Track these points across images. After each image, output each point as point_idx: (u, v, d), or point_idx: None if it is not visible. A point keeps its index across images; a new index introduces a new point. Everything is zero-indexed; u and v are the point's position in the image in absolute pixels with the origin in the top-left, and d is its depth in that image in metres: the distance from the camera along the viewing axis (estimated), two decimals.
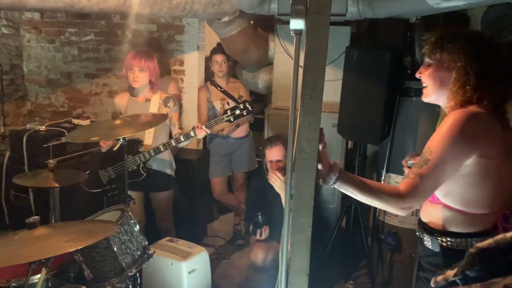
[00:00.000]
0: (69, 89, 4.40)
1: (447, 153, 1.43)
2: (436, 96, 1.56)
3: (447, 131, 1.43)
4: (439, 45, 1.51)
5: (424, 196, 1.47)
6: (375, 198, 1.48)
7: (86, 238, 1.71)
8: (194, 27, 4.00)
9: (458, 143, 1.43)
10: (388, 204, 1.48)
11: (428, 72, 1.55)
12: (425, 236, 1.59)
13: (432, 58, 1.54)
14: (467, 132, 1.43)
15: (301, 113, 1.46)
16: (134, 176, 3.04)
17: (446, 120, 1.47)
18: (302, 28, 1.44)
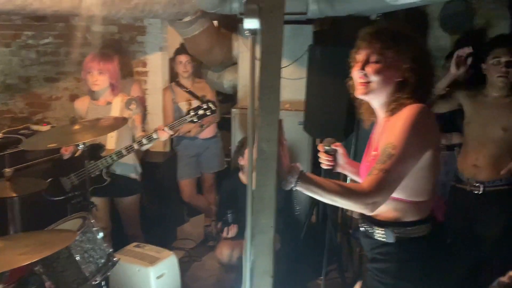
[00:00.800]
0: (28, 94, 4.25)
1: (410, 147, 1.45)
2: (376, 93, 1.57)
3: (408, 126, 1.46)
4: (392, 45, 1.53)
5: (389, 191, 1.47)
6: (339, 197, 1.47)
7: (42, 250, 1.65)
8: (156, 28, 3.92)
9: (420, 138, 1.47)
10: (352, 201, 1.47)
11: (377, 68, 1.54)
12: (376, 229, 1.61)
13: (383, 54, 1.53)
14: (426, 126, 1.49)
15: (260, 113, 1.45)
16: (97, 181, 2.96)
17: (403, 115, 1.49)
18: (256, 28, 1.43)
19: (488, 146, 2.53)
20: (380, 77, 1.54)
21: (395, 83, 1.55)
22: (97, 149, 2.96)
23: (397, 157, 1.44)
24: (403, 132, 1.45)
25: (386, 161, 1.45)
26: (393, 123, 1.52)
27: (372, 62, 1.55)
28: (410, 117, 1.46)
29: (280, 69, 1.41)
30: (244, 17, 1.39)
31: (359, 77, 1.58)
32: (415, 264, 1.58)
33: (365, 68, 1.56)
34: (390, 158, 1.44)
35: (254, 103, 1.49)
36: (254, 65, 1.47)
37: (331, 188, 1.49)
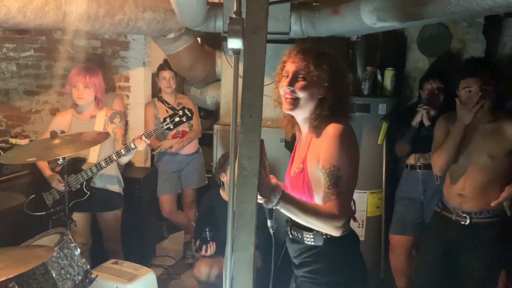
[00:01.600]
0: (6, 107, 4.19)
1: (351, 165, 1.61)
2: (303, 108, 1.67)
3: (342, 146, 1.59)
4: (317, 63, 1.63)
5: (348, 209, 1.62)
6: (314, 219, 1.58)
7: (18, 266, 1.61)
8: (139, 43, 3.94)
9: (354, 154, 1.65)
10: (325, 223, 1.58)
11: (302, 85, 1.64)
12: (305, 234, 1.71)
13: (310, 73, 1.63)
14: (353, 143, 1.65)
15: (241, 131, 1.47)
16: (77, 196, 2.92)
17: (331, 136, 1.61)
18: (240, 48, 1.46)
19: (474, 174, 2.41)
20: (306, 93, 1.64)
21: (317, 99, 1.66)
22: (77, 163, 2.93)
23: (345, 177, 1.58)
24: (339, 153, 1.58)
25: (337, 184, 1.57)
26: (321, 143, 1.63)
27: (299, 79, 1.65)
28: (340, 137, 1.59)
29: (262, 88, 1.44)
30: (227, 36, 1.43)
31: (285, 93, 1.67)
32: (343, 259, 1.72)
33: (293, 84, 1.65)
34: (340, 180, 1.57)
35: (236, 120, 1.52)
36: (237, 83, 1.50)
37: (308, 209, 1.60)
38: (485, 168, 2.38)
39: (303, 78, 1.65)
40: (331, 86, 1.64)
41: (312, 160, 1.66)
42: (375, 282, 3.38)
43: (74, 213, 2.87)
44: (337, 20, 2.76)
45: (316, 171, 1.64)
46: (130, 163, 3.72)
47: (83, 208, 2.98)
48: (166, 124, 2.91)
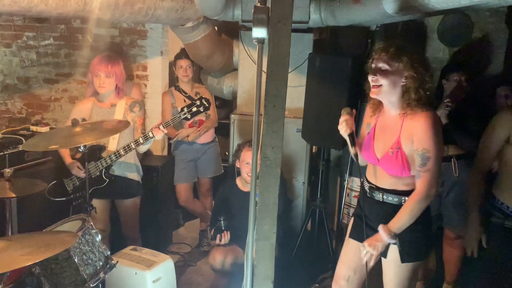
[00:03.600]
0: (27, 95, 4.24)
1: (438, 148, 1.95)
2: (385, 94, 2.01)
3: (433, 132, 1.93)
4: (397, 55, 1.95)
5: (436, 182, 1.98)
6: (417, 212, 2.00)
7: (44, 251, 1.65)
8: (157, 32, 3.94)
9: (441, 139, 1.98)
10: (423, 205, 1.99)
11: (385, 74, 1.97)
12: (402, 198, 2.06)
13: (390, 64, 1.96)
14: (440, 129, 1.97)
15: (265, 121, 1.47)
16: (97, 183, 2.97)
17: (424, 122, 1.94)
18: (264, 37, 1.46)
19: None
20: (387, 80, 1.97)
21: (400, 87, 1.97)
22: (97, 150, 2.97)
23: (433, 158, 1.94)
24: (430, 138, 1.93)
25: (426, 163, 1.94)
26: (414, 126, 1.97)
27: (383, 69, 1.98)
28: (431, 124, 1.94)
29: (286, 78, 1.44)
30: (252, 25, 1.42)
31: (372, 81, 2.01)
32: None
33: (376, 74, 1.98)
34: (429, 160, 1.94)
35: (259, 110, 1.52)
36: (260, 73, 1.50)
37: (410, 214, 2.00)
38: None
39: (385, 69, 1.97)
40: (412, 76, 1.93)
41: (407, 140, 1.99)
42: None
43: (93, 200, 2.91)
44: (358, 9, 2.73)
45: (408, 149, 1.99)
46: (148, 151, 3.75)
47: (103, 195, 3.02)
48: (183, 114, 2.94)
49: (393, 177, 2.07)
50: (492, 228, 2.36)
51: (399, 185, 2.06)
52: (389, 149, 2.04)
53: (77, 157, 3.02)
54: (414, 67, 1.94)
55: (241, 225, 3.07)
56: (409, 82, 1.95)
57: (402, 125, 2.01)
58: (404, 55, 1.94)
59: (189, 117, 2.97)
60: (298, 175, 3.64)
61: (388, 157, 2.05)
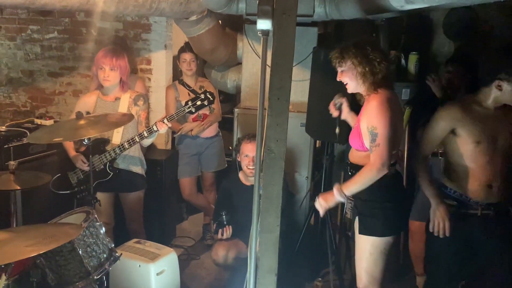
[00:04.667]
0: (31, 88, 4.25)
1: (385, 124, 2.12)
2: (354, 88, 2.30)
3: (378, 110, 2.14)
4: (341, 56, 2.25)
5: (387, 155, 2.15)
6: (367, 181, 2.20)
7: (48, 243, 1.66)
8: (161, 26, 3.94)
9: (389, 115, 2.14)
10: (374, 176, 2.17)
11: (343, 74, 2.29)
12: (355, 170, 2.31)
13: (342, 65, 2.27)
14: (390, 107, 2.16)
15: (269, 114, 1.47)
16: (101, 176, 2.97)
17: (371, 103, 2.18)
18: (269, 29, 1.45)
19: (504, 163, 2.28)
20: (346, 78, 2.28)
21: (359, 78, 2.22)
22: (101, 143, 2.97)
23: (381, 134, 2.13)
24: (377, 116, 2.13)
25: (375, 139, 2.15)
26: (366, 107, 2.23)
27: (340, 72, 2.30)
28: (379, 103, 2.15)
29: (291, 71, 1.43)
30: (257, 18, 1.42)
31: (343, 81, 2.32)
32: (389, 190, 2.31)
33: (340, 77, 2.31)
34: (377, 136, 2.14)
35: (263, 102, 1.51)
36: (265, 65, 1.49)
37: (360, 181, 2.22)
38: None
39: (342, 70, 2.29)
40: (359, 65, 2.19)
41: (363, 118, 2.25)
42: (394, 269, 3.38)
43: (97, 193, 2.92)
44: (363, 2, 2.71)
45: (364, 127, 2.22)
46: (152, 145, 3.76)
47: (107, 188, 3.03)
48: (188, 108, 2.93)
49: (357, 151, 2.33)
50: None
51: (362, 158, 2.29)
52: (353, 124, 2.39)
53: (81, 150, 3.03)
54: (359, 59, 2.19)
55: (244, 219, 3.07)
56: (360, 72, 2.21)
57: (364, 106, 2.30)
58: (346, 53, 2.22)
59: (193, 110, 2.96)
60: (301, 170, 3.63)
61: (352, 132, 2.37)
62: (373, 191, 2.25)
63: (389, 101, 2.18)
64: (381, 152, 2.14)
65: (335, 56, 2.28)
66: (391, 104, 2.18)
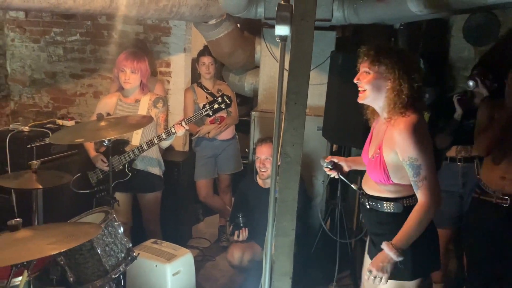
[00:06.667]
0: (53, 89, 4.35)
1: (425, 152, 1.82)
2: (371, 99, 1.94)
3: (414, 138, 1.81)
4: (377, 58, 1.87)
5: (437, 188, 1.85)
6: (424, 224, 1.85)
7: (69, 241, 1.71)
8: (181, 29, 3.99)
9: (427, 142, 1.86)
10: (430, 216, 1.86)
11: (367, 79, 1.90)
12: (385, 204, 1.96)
13: (371, 68, 1.89)
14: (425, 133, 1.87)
15: (286, 118, 1.48)
16: (120, 176, 3.03)
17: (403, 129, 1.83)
18: (287, 34, 1.47)
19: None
20: (370, 85, 1.90)
21: (386, 91, 1.88)
22: (121, 144, 3.03)
23: (424, 165, 1.82)
24: (413, 145, 1.81)
25: (419, 172, 1.82)
26: (394, 135, 1.86)
27: (365, 74, 1.91)
28: (412, 130, 1.81)
29: (308, 76, 1.44)
30: (275, 23, 1.43)
31: (358, 86, 1.96)
32: None
33: (359, 78, 1.94)
34: (420, 168, 1.82)
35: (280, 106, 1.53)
36: (282, 71, 1.51)
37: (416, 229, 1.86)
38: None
39: (367, 72, 1.90)
40: (397, 79, 1.84)
41: (387, 148, 1.90)
42: None
43: (116, 193, 2.98)
44: (382, 7, 2.71)
45: (390, 158, 1.89)
46: (170, 146, 3.79)
47: (125, 188, 3.08)
48: (205, 111, 2.97)
49: (374, 182, 1.98)
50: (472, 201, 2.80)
51: (383, 191, 1.96)
52: (373, 153, 1.98)
53: (101, 151, 3.09)
54: (396, 69, 1.84)
55: (260, 222, 3.09)
56: (391, 85, 1.86)
57: (385, 131, 1.93)
58: (385, 58, 1.86)
59: (211, 114, 3.00)
60: (317, 174, 3.63)
61: (370, 161, 1.99)
62: (395, 225, 1.91)
63: (422, 125, 1.86)
64: (432, 185, 1.82)
65: (368, 54, 1.91)
66: (424, 129, 1.87)
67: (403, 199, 1.93)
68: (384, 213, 1.97)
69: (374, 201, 1.99)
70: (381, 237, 1.96)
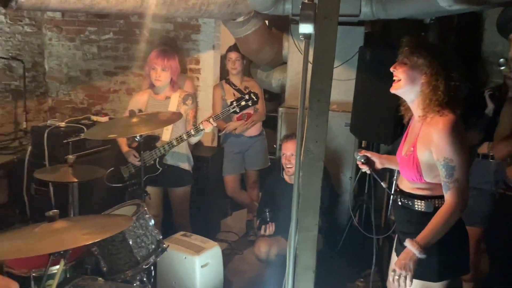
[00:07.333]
0: (88, 86, 4.51)
1: (461, 154, 1.80)
2: (405, 90, 1.90)
3: (451, 139, 1.78)
4: (417, 50, 1.84)
5: (467, 191, 1.83)
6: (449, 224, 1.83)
7: (102, 232, 1.79)
8: (210, 27, 4.06)
9: (463, 143, 1.82)
10: (456, 217, 1.83)
11: (403, 69, 1.87)
12: (416, 202, 1.95)
13: (409, 59, 1.85)
14: (462, 134, 1.83)
15: (309, 115, 1.51)
16: (151, 171, 3.12)
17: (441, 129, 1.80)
18: (311, 33, 1.49)
19: None
20: (405, 75, 1.86)
21: (420, 85, 1.84)
22: (152, 140, 3.12)
23: (458, 166, 1.79)
24: (450, 145, 1.78)
25: (453, 173, 1.80)
26: (430, 133, 1.83)
27: (400, 63, 1.89)
28: (449, 131, 1.78)
29: (331, 74, 1.46)
30: (299, 22, 1.46)
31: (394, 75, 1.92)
32: None
33: (396, 67, 1.90)
34: (454, 170, 1.79)
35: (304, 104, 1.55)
36: (306, 68, 1.53)
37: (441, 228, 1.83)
38: None
39: (405, 63, 1.87)
40: (433, 74, 1.80)
41: (422, 146, 1.87)
42: None
43: (147, 187, 3.07)
44: (410, 2, 2.67)
45: (425, 156, 1.86)
46: (199, 142, 3.88)
47: (156, 182, 3.18)
48: (232, 108, 3.02)
49: (408, 181, 1.97)
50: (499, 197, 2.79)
51: (415, 189, 1.95)
52: (406, 151, 1.97)
53: (133, 146, 3.19)
54: (434, 64, 1.80)
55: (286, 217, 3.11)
56: (427, 80, 1.82)
57: (420, 129, 1.90)
58: (425, 50, 1.83)
59: (238, 111, 3.04)
60: (345, 170, 3.63)
61: (403, 159, 1.98)
62: (424, 225, 1.88)
63: (460, 126, 1.82)
64: (462, 188, 1.80)
65: (408, 44, 1.88)
66: (462, 130, 1.83)
67: (435, 199, 1.92)
68: (414, 211, 1.95)
69: (406, 198, 1.99)
70: (408, 235, 1.92)
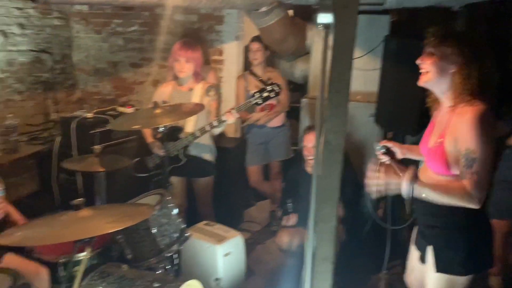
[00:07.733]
0: (115, 78, 4.59)
1: (485, 148, 1.71)
2: (435, 82, 1.82)
3: (477, 130, 1.70)
4: (444, 39, 1.76)
5: (484, 185, 1.74)
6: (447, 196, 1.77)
7: (126, 220, 1.83)
8: (233, 17, 4.05)
9: (489, 137, 1.72)
10: (458, 199, 1.75)
11: (431, 60, 1.79)
12: None
13: (437, 49, 1.77)
14: (489, 126, 1.72)
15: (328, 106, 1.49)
16: (175, 161, 3.17)
17: (469, 119, 1.72)
18: (330, 22, 1.47)
19: None
20: (433, 67, 1.78)
21: (450, 76, 1.77)
22: (176, 131, 3.16)
23: (479, 159, 1.71)
24: (475, 137, 1.70)
25: (472, 165, 1.72)
26: (459, 124, 1.75)
27: (428, 54, 1.81)
28: (477, 122, 1.70)
29: (351, 64, 1.44)
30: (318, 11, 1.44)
31: (421, 67, 1.84)
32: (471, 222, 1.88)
33: (423, 59, 1.82)
34: (475, 162, 1.71)
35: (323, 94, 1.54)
36: (326, 58, 1.52)
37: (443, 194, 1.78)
38: None
39: (432, 54, 1.79)
40: (464, 63, 1.74)
41: (451, 137, 1.80)
42: None
43: (171, 177, 3.13)
44: None
45: (453, 148, 1.78)
46: (222, 133, 3.90)
47: (180, 173, 3.22)
48: (254, 99, 3.02)
49: (433, 173, 1.89)
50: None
51: (441, 181, 1.86)
52: (434, 143, 1.88)
53: (158, 137, 3.24)
54: (464, 53, 1.73)
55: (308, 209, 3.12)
56: (458, 70, 1.75)
57: (450, 119, 1.82)
58: (453, 39, 1.75)
59: (260, 102, 3.05)
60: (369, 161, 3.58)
61: (430, 150, 1.90)
62: (451, 216, 1.86)
63: (489, 118, 1.72)
64: (479, 182, 1.72)
65: (435, 34, 1.81)
66: (491, 123, 1.74)
67: None
68: (439, 205, 1.85)
69: None
70: (433, 229, 1.89)
